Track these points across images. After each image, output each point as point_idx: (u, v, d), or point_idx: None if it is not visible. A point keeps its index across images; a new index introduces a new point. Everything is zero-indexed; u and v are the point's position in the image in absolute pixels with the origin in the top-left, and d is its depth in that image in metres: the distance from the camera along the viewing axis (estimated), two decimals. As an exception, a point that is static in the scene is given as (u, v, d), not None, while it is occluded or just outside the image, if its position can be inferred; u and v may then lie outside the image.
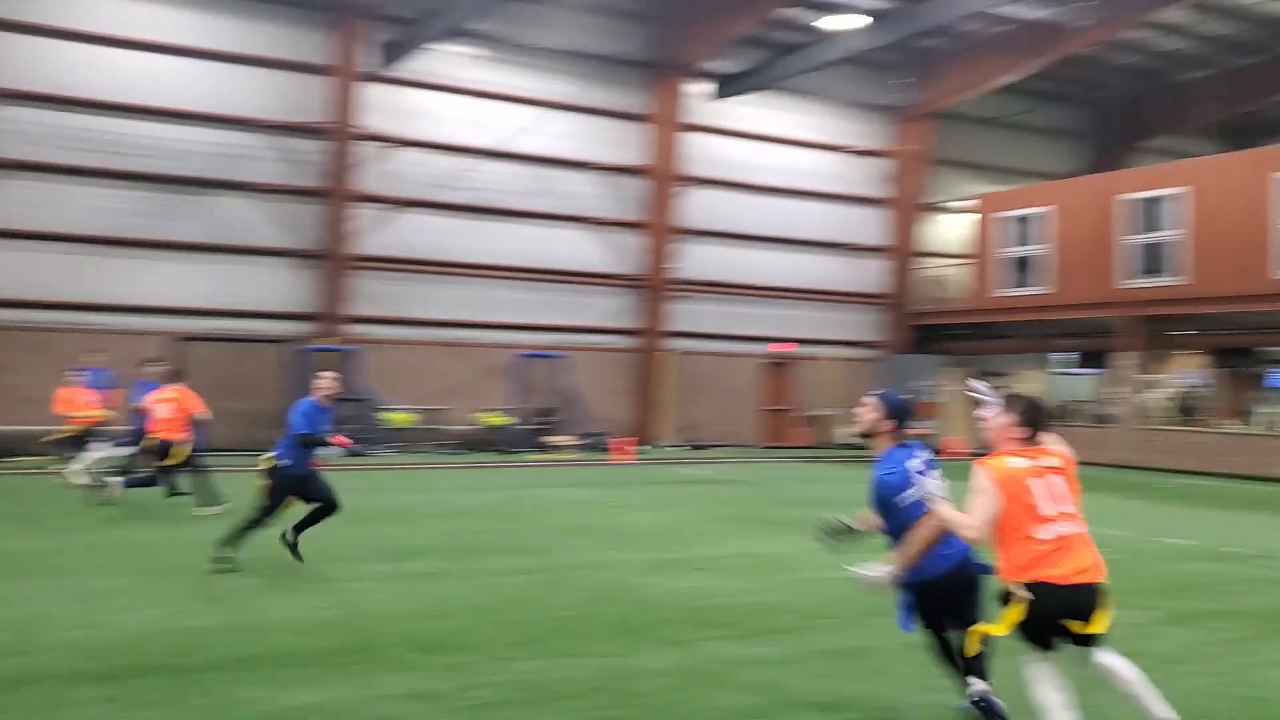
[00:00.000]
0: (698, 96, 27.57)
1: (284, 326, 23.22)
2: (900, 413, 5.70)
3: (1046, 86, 31.94)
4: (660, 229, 26.83)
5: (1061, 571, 4.92)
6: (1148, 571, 10.18)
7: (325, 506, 9.52)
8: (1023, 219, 27.74)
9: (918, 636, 5.82)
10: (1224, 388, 33.59)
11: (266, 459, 9.46)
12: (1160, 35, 28.48)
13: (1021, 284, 27.58)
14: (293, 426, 9.43)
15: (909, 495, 5.47)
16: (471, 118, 25.06)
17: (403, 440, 23.06)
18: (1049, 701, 4.97)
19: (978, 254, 28.87)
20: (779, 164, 28.94)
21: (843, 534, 5.97)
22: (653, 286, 26.84)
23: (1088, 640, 4.99)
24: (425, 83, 24.53)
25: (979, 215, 29.03)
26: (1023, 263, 27.68)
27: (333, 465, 10.99)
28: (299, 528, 9.49)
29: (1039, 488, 5.03)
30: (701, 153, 27.67)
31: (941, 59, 28.87)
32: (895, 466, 5.57)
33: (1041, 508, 4.99)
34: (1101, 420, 26.79)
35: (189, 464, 12.52)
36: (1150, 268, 24.88)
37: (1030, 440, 5.19)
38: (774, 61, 27.31)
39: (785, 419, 29.09)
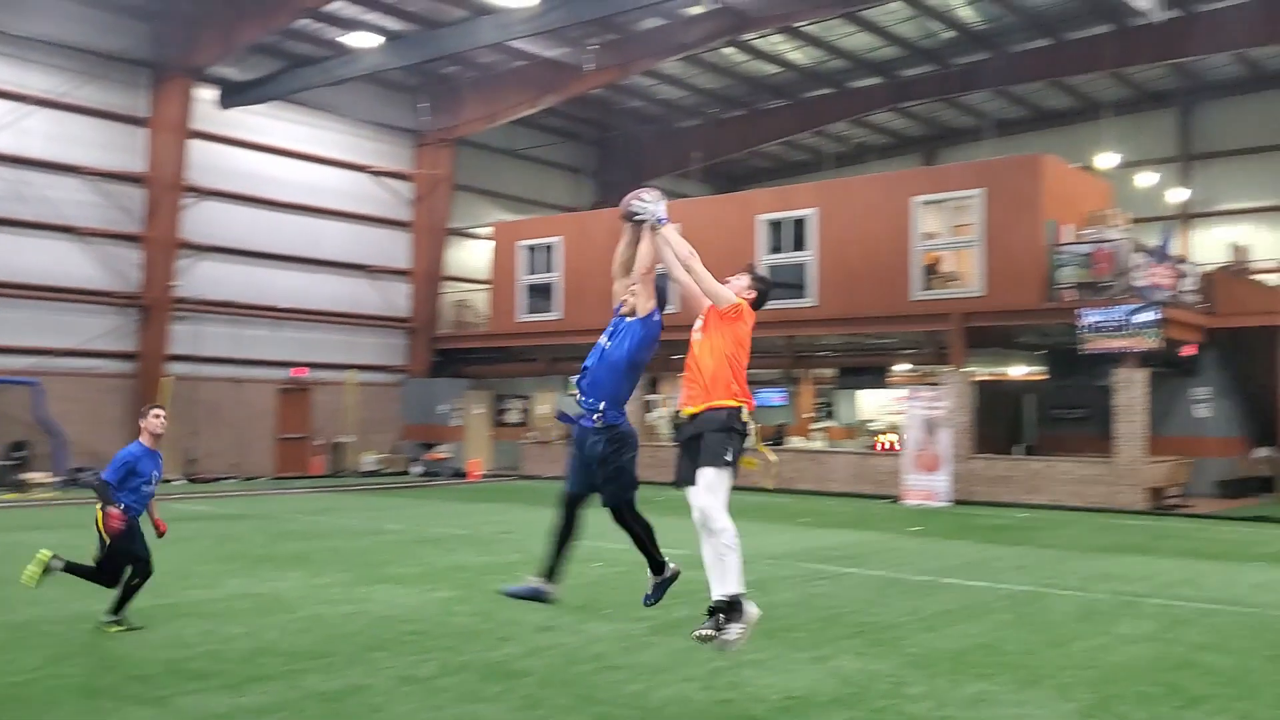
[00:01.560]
0: (208, 103, 25.86)
1: None
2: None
3: (561, 123, 33.57)
4: (162, 243, 24.75)
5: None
6: (642, 581, 10.68)
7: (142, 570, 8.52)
8: (537, 248, 28.83)
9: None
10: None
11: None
12: (659, 84, 30.91)
13: (538, 310, 28.61)
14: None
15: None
16: (-73, 107, 21.74)
17: None
18: (732, 530, 5.80)
19: (497, 280, 29.59)
20: (299, 180, 27.88)
21: None
22: (152, 305, 24.66)
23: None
24: None
25: (498, 243, 29.78)
26: (538, 289, 28.75)
27: None
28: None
29: None
30: (212, 163, 25.97)
31: (463, 87, 29.31)
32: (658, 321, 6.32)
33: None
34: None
35: None
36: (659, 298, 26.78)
37: (755, 306, 6.23)
38: (291, 72, 26.27)
39: (303, 447, 27.94)
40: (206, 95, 25.79)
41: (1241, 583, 11.24)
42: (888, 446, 26.90)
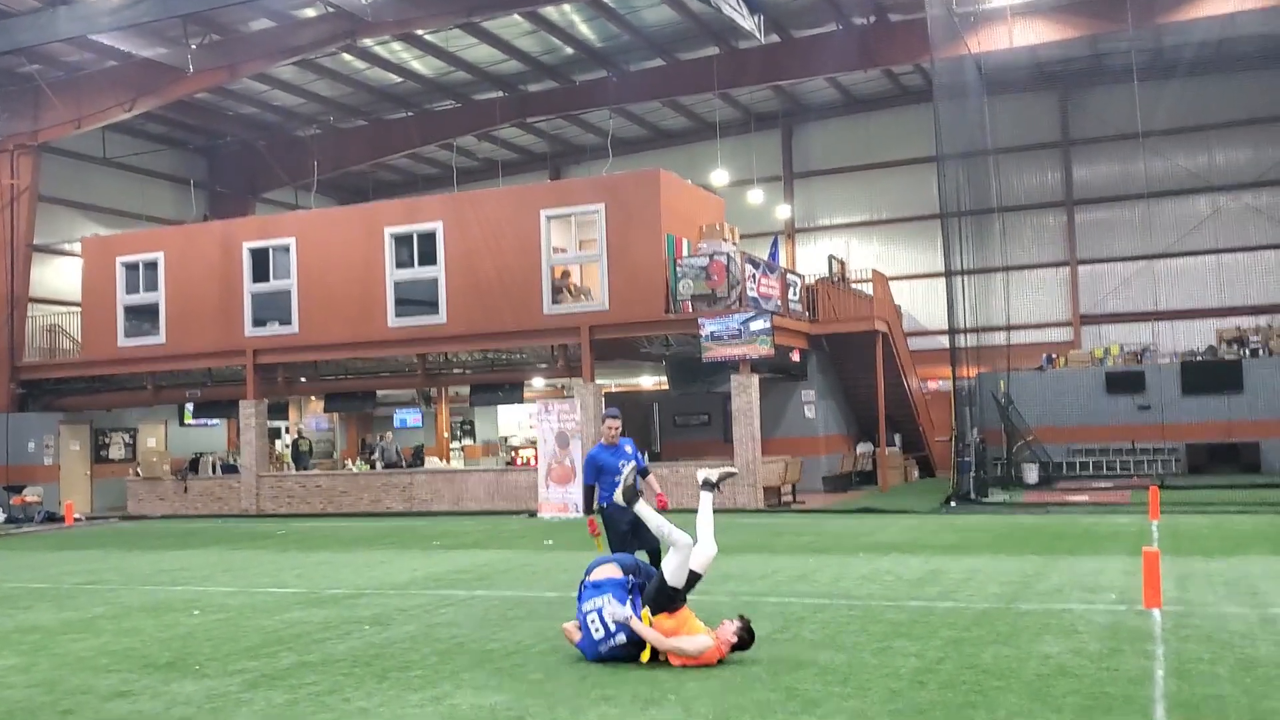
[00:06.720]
0: None
1: None
2: None
3: (164, 130, 31.04)
4: None
5: None
6: (244, 628, 9.66)
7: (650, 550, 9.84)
8: (139, 265, 26.32)
9: None
10: (347, 430, 35.46)
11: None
12: (273, 89, 29.14)
13: (139, 333, 26.10)
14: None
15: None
16: None
17: None
18: None
19: (91, 301, 26.72)
20: None
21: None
22: None
23: None
24: None
25: (90, 260, 26.93)
26: (139, 310, 26.23)
27: None
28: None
29: None
30: None
31: (45, 88, 26.13)
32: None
33: None
34: (230, 469, 26.36)
35: None
36: (268, 316, 25.10)
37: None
38: None
39: None
40: None
41: (850, 575, 11.76)
42: (525, 462, 26.72)
